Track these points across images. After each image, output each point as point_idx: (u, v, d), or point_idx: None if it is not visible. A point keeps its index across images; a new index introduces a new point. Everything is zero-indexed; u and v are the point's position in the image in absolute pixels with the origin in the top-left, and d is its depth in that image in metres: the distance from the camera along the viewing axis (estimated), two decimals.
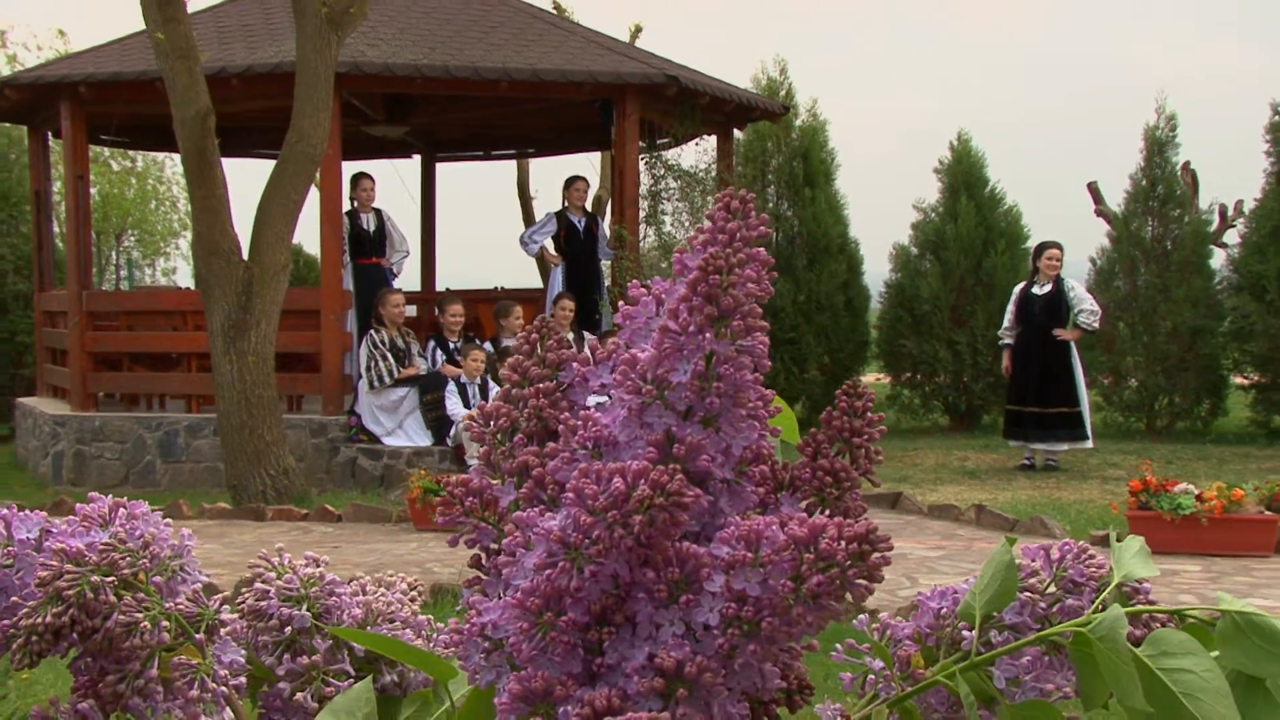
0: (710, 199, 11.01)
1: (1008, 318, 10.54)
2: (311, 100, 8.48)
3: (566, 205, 11.55)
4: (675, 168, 11.64)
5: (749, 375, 0.68)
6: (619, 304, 0.73)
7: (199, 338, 9.77)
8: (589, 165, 16.34)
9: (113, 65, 10.70)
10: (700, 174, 11.81)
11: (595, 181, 15.33)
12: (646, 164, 11.34)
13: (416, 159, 14.79)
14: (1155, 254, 13.39)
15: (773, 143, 14.11)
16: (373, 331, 9.94)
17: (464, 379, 9.66)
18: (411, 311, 11.59)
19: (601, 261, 11.51)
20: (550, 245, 11.57)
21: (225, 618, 0.83)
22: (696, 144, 11.96)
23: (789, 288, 13.50)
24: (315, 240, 11.26)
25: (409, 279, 12.63)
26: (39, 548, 0.81)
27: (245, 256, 8.63)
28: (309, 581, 0.90)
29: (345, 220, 10.69)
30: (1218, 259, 13.96)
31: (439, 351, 10.16)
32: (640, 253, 11.01)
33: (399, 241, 11.39)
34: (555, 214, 11.61)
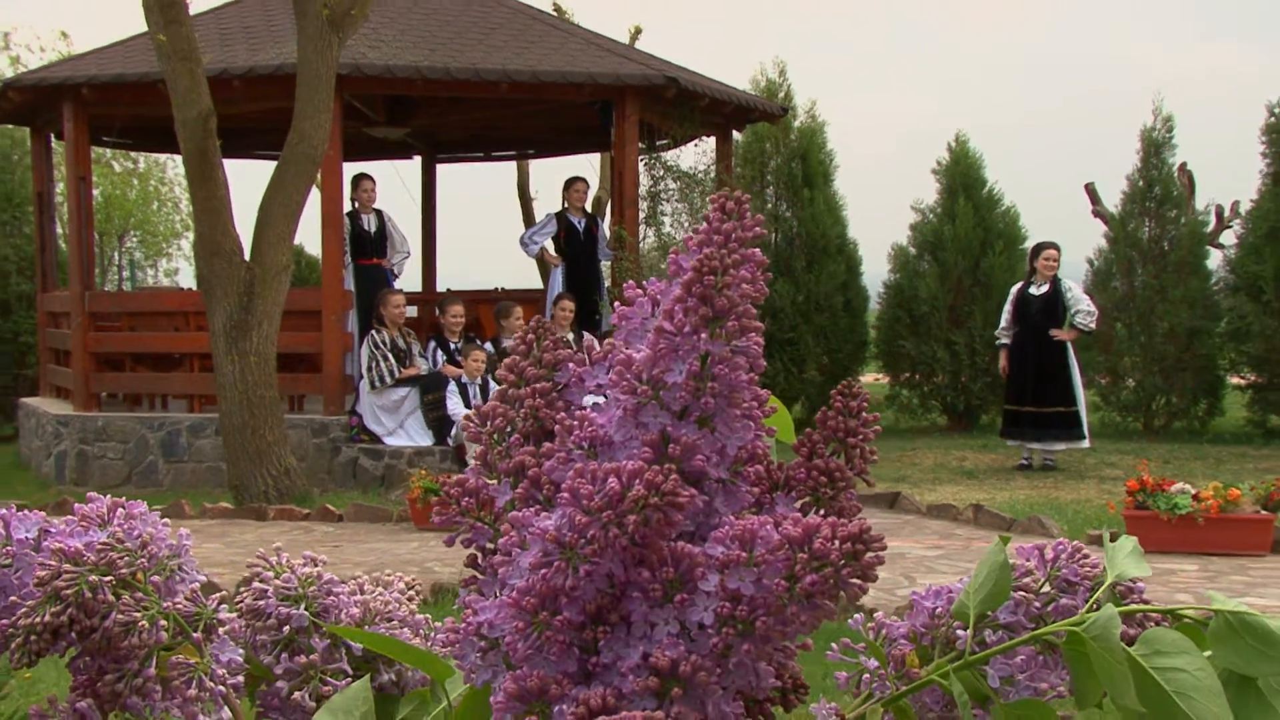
0: (709, 200, 10.98)
1: (1004, 317, 10.54)
2: (313, 102, 8.48)
3: (566, 206, 11.55)
4: (674, 169, 11.63)
5: (744, 375, 0.68)
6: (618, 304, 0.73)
7: (201, 338, 9.77)
8: (589, 166, 16.36)
9: (115, 67, 10.70)
10: (699, 175, 11.81)
11: (595, 183, 15.34)
12: (646, 165, 11.34)
13: (417, 160, 14.79)
14: (1152, 255, 13.39)
15: (771, 144, 14.11)
16: (374, 332, 9.94)
17: (465, 379, 9.67)
18: (412, 312, 11.61)
19: (601, 262, 11.52)
20: (550, 246, 11.57)
21: (223, 617, 0.84)
22: (696, 145, 11.96)
23: (788, 288, 13.50)
24: (316, 241, 11.27)
25: (410, 279, 12.65)
26: (38, 547, 0.81)
27: (247, 257, 8.64)
28: (307, 581, 0.90)
29: (346, 221, 10.70)
30: (1214, 260, 13.99)
31: (440, 352, 10.17)
32: (640, 253, 11.01)
33: (400, 242, 11.39)
34: (555, 215, 11.62)
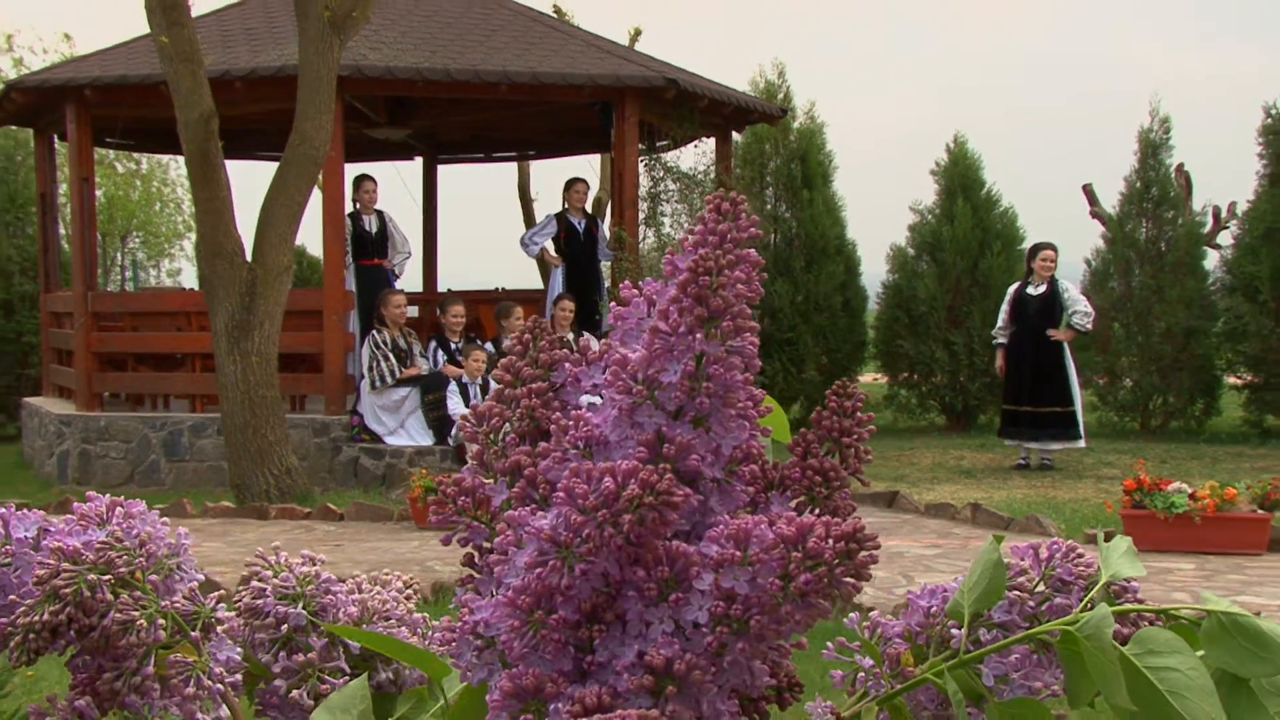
0: (706, 200, 10.98)
1: (1001, 317, 10.55)
2: (314, 103, 8.49)
3: (567, 207, 11.55)
4: (674, 170, 11.63)
5: (739, 375, 0.68)
6: None
7: (203, 338, 9.78)
8: (589, 167, 16.37)
9: (118, 69, 10.71)
10: (699, 176, 11.81)
11: (595, 183, 15.35)
12: (646, 166, 11.34)
13: (418, 161, 14.80)
14: (1149, 255, 13.39)
15: (771, 145, 14.10)
16: (375, 332, 9.95)
17: (465, 379, 9.68)
18: (413, 312, 11.61)
19: (601, 263, 11.52)
20: (551, 247, 11.57)
21: (222, 615, 0.84)
22: (695, 146, 11.96)
23: (787, 289, 13.50)
24: (318, 242, 11.28)
25: (411, 280, 12.66)
26: (37, 546, 0.82)
27: (249, 258, 8.65)
28: (305, 579, 0.90)
29: (348, 222, 10.71)
30: (1211, 260, 14.00)
31: (440, 352, 10.18)
32: (640, 254, 11.01)
33: (401, 243, 11.40)
34: (555, 216, 11.62)
